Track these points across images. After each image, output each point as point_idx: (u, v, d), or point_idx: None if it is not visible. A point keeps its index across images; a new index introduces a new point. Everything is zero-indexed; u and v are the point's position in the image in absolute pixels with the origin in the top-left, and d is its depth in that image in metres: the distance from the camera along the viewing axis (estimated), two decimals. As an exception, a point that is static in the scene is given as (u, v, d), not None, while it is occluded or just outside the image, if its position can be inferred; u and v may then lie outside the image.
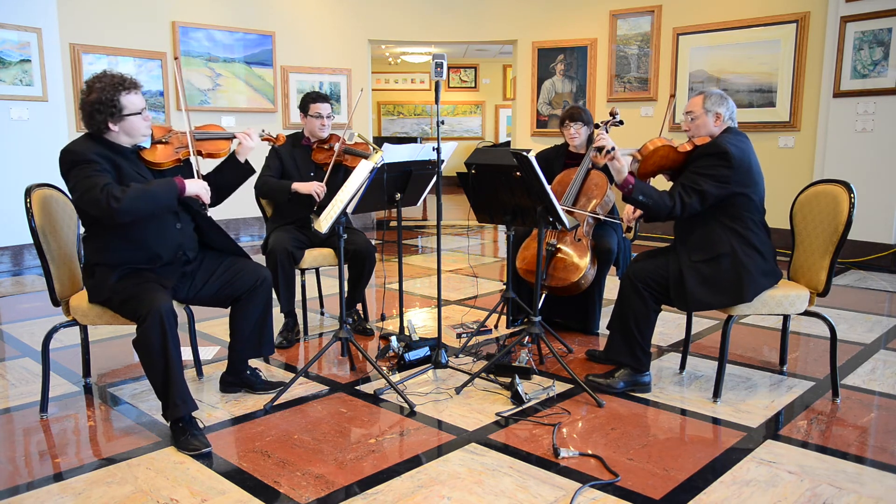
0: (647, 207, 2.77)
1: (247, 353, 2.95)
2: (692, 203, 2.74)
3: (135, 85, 2.62)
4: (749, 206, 2.79)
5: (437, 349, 3.23)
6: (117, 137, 2.60)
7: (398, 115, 14.36)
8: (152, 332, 2.43)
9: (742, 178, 2.74)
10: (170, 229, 2.70)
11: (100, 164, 2.49)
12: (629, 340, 2.90)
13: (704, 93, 2.91)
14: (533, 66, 7.98)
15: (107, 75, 2.61)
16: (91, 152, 2.51)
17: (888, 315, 4.29)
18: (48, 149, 5.94)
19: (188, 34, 6.83)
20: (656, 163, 2.85)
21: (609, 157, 2.71)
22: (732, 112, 2.90)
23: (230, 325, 2.93)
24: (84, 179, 2.45)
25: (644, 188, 2.74)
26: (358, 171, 2.81)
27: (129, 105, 2.56)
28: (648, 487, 2.18)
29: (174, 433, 2.49)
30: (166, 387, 2.46)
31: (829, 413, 2.78)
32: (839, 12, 5.82)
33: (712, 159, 2.74)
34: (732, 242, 2.76)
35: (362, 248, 3.68)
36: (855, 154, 5.83)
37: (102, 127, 2.57)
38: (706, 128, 2.87)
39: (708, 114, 2.86)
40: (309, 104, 3.76)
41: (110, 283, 2.58)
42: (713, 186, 2.72)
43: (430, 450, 2.46)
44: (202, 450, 2.42)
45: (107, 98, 2.53)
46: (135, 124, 2.60)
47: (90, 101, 2.55)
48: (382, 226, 8.34)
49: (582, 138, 3.86)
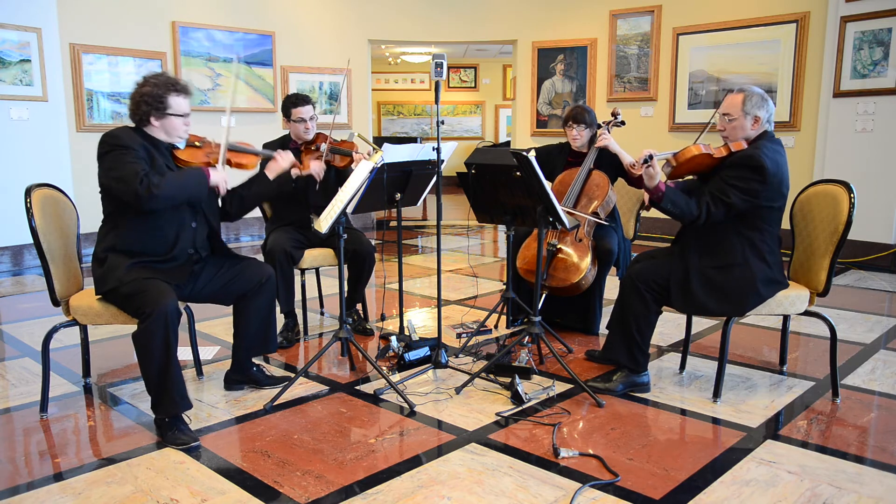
0: (672, 215, 2.71)
1: (253, 350, 2.98)
2: (717, 214, 2.67)
3: (186, 90, 2.74)
4: (770, 218, 2.75)
5: (437, 349, 3.23)
6: (156, 133, 2.71)
7: (398, 115, 14.37)
8: (156, 331, 2.45)
9: (772, 193, 2.67)
10: (185, 227, 2.76)
11: (138, 153, 2.59)
12: (628, 341, 2.89)
13: (745, 92, 2.74)
14: (533, 66, 7.98)
15: (164, 75, 2.74)
16: (133, 141, 2.61)
17: (888, 315, 4.29)
18: (48, 149, 5.98)
19: (188, 34, 6.83)
20: (690, 168, 2.80)
21: (647, 164, 2.64)
22: (771, 115, 2.78)
23: (235, 323, 2.94)
24: (124, 164, 2.53)
25: (673, 196, 2.67)
26: (358, 172, 2.81)
27: (174, 106, 2.68)
28: (648, 487, 2.18)
29: (161, 428, 2.55)
30: (164, 384, 2.49)
31: (829, 413, 2.78)
32: (839, 12, 5.82)
33: (746, 171, 2.64)
34: (746, 252, 2.73)
35: (362, 248, 3.68)
36: (855, 154, 5.83)
37: (145, 119, 2.67)
38: (743, 130, 2.75)
39: (747, 116, 2.73)
40: (290, 109, 3.68)
41: (120, 273, 2.59)
42: (741, 200, 2.64)
43: (430, 450, 2.46)
44: (190, 444, 2.48)
45: (157, 94, 2.64)
46: (175, 125, 2.71)
47: (141, 93, 2.66)
48: (382, 226, 8.35)
49: (584, 140, 3.85)
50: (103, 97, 6.40)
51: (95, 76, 6.33)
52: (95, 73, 6.32)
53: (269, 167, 3.00)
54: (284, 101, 3.75)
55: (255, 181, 3.03)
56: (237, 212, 3.03)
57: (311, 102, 3.73)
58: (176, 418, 2.53)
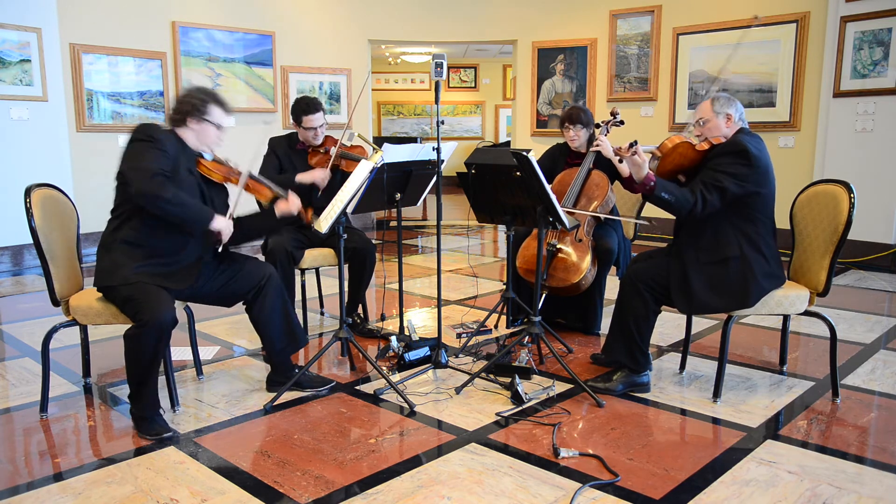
0: (670, 205, 2.74)
1: (286, 350, 2.97)
2: (713, 200, 2.71)
3: (228, 107, 2.83)
4: (762, 206, 2.78)
5: (437, 349, 3.23)
6: (188, 137, 2.76)
7: (398, 115, 14.37)
8: (147, 340, 2.48)
9: (760, 177, 2.73)
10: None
11: (167, 153, 2.62)
12: (628, 341, 2.89)
13: (712, 96, 2.90)
14: (533, 66, 7.98)
15: (212, 91, 2.84)
16: (166, 140, 2.65)
17: (888, 315, 4.29)
18: (48, 149, 5.98)
19: (188, 34, 6.83)
20: (675, 161, 2.84)
21: (632, 150, 2.69)
22: (741, 113, 2.88)
23: (256, 330, 2.94)
24: (146, 155, 2.56)
25: (666, 185, 2.73)
26: (358, 172, 2.81)
27: (213, 114, 2.75)
28: (648, 487, 2.18)
29: (136, 420, 2.61)
30: (143, 385, 2.56)
31: (829, 413, 2.78)
32: (839, 12, 5.82)
33: (731, 157, 2.72)
34: (742, 245, 2.75)
35: (362, 247, 3.68)
36: (855, 154, 5.83)
37: (183, 119, 2.73)
38: (719, 130, 2.85)
39: (719, 115, 2.84)
40: (302, 116, 3.64)
41: (126, 273, 2.59)
42: (733, 184, 2.70)
43: (430, 450, 2.46)
44: (163, 434, 2.54)
45: (202, 97, 2.74)
46: (209, 132, 2.77)
47: (188, 93, 2.77)
48: (382, 226, 8.34)
49: (581, 140, 3.85)
50: (103, 97, 6.40)
51: (95, 76, 6.33)
52: (95, 73, 6.32)
53: (279, 207, 2.96)
54: (294, 105, 3.69)
55: (261, 215, 3.04)
56: (236, 240, 2.98)
57: (322, 109, 3.70)
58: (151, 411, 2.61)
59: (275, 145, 3.80)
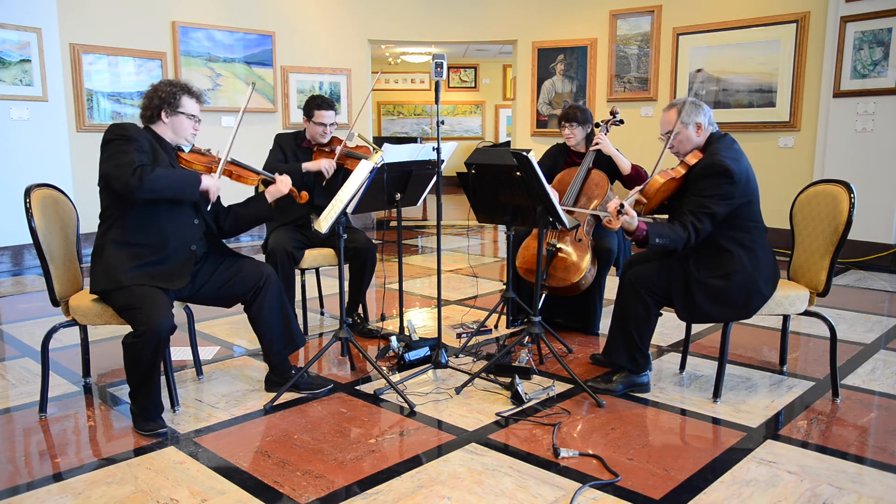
0: (665, 247, 2.70)
1: (283, 351, 2.97)
2: (704, 228, 2.69)
3: (199, 96, 2.83)
4: (751, 214, 2.77)
5: (437, 349, 3.23)
6: (164, 131, 2.77)
7: (398, 115, 14.37)
8: (145, 349, 2.49)
9: (743, 189, 2.71)
10: (187, 223, 2.77)
11: (141, 146, 2.63)
12: (628, 343, 2.89)
13: (676, 105, 2.82)
14: (533, 66, 7.98)
15: (181, 81, 2.82)
16: (139, 135, 2.66)
17: (888, 315, 4.29)
18: (48, 149, 5.98)
19: (188, 34, 6.83)
20: (659, 198, 2.82)
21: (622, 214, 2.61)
22: (710, 116, 2.83)
23: (254, 330, 2.94)
24: (122, 154, 2.56)
25: (657, 230, 2.68)
26: (358, 171, 2.80)
27: (185, 105, 2.76)
28: (648, 487, 2.18)
29: (135, 417, 2.62)
30: (144, 385, 2.56)
31: (829, 413, 2.78)
32: (839, 12, 5.82)
33: (714, 179, 2.67)
34: (742, 258, 2.73)
35: (362, 246, 3.68)
36: (855, 154, 5.83)
37: (155, 115, 2.74)
38: (690, 142, 2.81)
39: (688, 126, 2.79)
40: (314, 110, 3.70)
41: (119, 276, 2.59)
42: (721, 206, 2.67)
43: (430, 450, 2.46)
44: (158, 430, 2.56)
45: (171, 91, 2.74)
46: (184, 125, 2.78)
47: (156, 89, 2.75)
48: (382, 226, 8.34)
49: (578, 138, 3.85)
50: (103, 97, 6.39)
51: (95, 76, 6.32)
52: (95, 73, 6.32)
53: (269, 190, 2.99)
54: (308, 100, 3.75)
55: (252, 201, 3.04)
56: (230, 229, 3.01)
57: (334, 108, 3.76)
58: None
59: (281, 141, 3.82)
